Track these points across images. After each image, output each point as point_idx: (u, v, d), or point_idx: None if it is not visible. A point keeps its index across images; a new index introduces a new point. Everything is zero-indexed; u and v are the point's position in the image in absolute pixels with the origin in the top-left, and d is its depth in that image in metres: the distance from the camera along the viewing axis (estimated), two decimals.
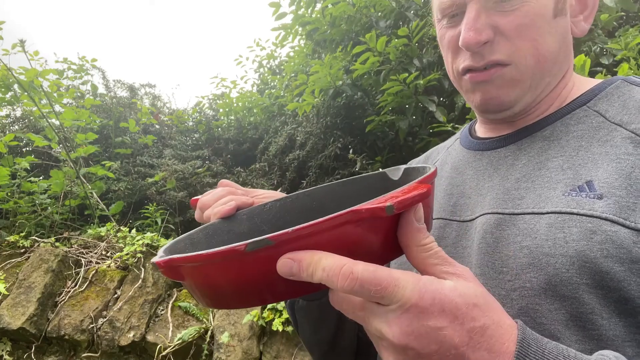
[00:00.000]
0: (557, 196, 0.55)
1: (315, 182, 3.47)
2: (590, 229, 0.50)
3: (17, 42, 3.35)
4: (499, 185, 0.63)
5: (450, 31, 0.65)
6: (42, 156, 4.12)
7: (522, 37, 0.60)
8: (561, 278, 0.50)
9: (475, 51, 0.61)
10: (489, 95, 0.64)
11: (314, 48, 3.51)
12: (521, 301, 0.53)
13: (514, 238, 0.56)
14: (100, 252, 2.93)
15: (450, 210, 0.68)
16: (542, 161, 0.60)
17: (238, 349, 2.25)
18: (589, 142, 0.58)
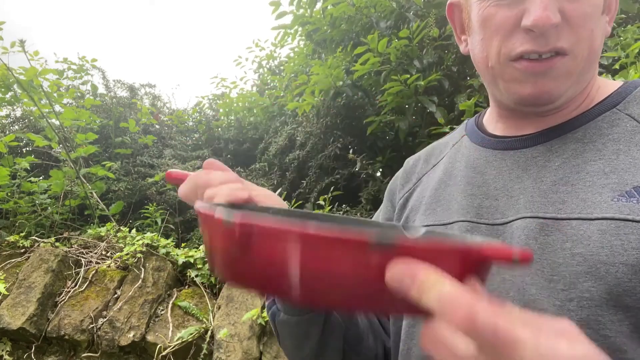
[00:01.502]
0: (605, 201, 0.53)
1: (316, 182, 3.47)
2: None
3: (16, 42, 3.35)
4: (533, 187, 0.59)
5: (503, 10, 0.58)
6: (42, 156, 4.12)
7: (584, 26, 0.57)
8: (624, 288, 0.48)
9: (542, 33, 0.56)
10: (544, 88, 0.58)
11: (314, 48, 3.51)
12: (580, 312, 0.50)
13: (562, 244, 0.53)
14: (100, 252, 2.93)
15: (475, 212, 0.63)
16: (580, 164, 0.58)
17: (238, 348, 2.25)
18: (627, 145, 0.56)
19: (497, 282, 0.57)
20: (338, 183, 3.30)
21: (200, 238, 3.54)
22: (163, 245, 2.83)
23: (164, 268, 2.71)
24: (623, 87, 0.63)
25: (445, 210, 0.68)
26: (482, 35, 0.62)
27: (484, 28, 0.61)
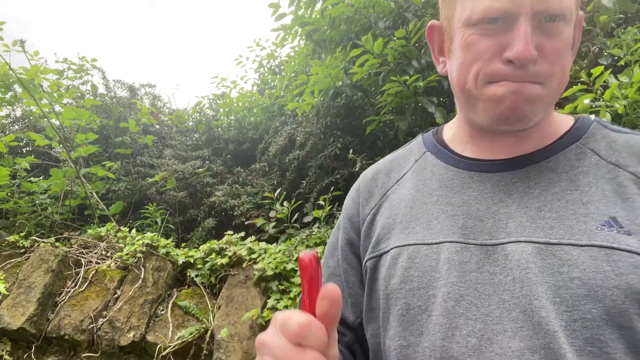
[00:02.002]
0: (590, 230, 0.58)
1: (315, 182, 3.48)
2: (633, 264, 0.55)
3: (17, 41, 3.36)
4: (520, 213, 0.63)
5: (485, 39, 0.62)
6: (42, 156, 4.13)
7: (558, 62, 0.61)
8: (619, 309, 0.54)
9: (522, 66, 0.60)
10: (517, 106, 0.62)
11: (314, 48, 3.51)
12: (585, 332, 0.54)
13: (559, 268, 0.57)
14: (100, 252, 2.94)
15: (461, 233, 0.65)
16: (558, 192, 0.63)
17: (238, 348, 2.26)
18: (595, 178, 0.62)
19: (495, 303, 0.59)
20: (338, 183, 3.30)
21: (200, 238, 3.54)
22: (163, 245, 2.84)
23: (164, 268, 2.71)
24: (579, 122, 0.70)
25: (427, 229, 0.68)
26: (462, 60, 0.65)
27: (465, 53, 0.64)
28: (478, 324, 0.58)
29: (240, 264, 2.62)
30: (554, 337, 0.54)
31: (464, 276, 0.61)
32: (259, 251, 2.64)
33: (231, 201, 3.71)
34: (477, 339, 0.57)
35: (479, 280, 0.61)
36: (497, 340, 0.57)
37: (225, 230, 3.00)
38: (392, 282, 0.67)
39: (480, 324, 0.58)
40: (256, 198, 3.80)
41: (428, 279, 0.64)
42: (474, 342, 0.57)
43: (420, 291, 0.64)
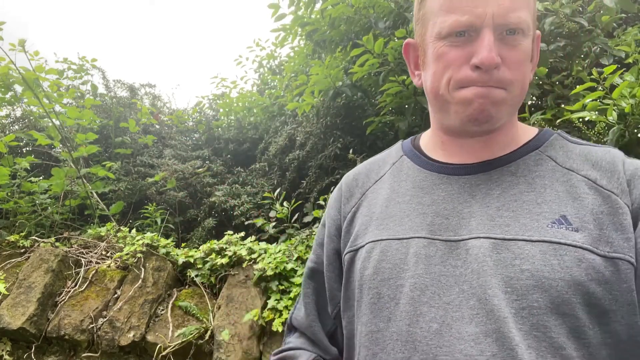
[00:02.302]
0: (541, 227, 0.66)
1: (315, 182, 3.48)
2: (577, 257, 0.62)
3: (17, 42, 3.36)
4: (481, 212, 0.71)
5: (455, 50, 0.70)
6: (42, 156, 4.13)
7: (518, 70, 0.70)
8: (562, 299, 0.61)
9: (487, 70, 0.67)
10: (484, 108, 0.69)
11: (314, 48, 3.51)
12: (532, 319, 0.61)
13: (512, 261, 0.64)
14: (100, 252, 2.94)
15: (428, 230, 0.72)
16: (516, 194, 0.71)
17: (238, 348, 2.26)
18: (550, 181, 0.71)
19: (455, 292, 0.66)
20: (338, 183, 3.30)
21: (200, 238, 3.54)
22: (163, 245, 2.84)
23: (164, 268, 2.71)
24: (540, 133, 0.79)
25: (399, 226, 0.76)
26: (434, 69, 0.73)
27: (437, 63, 0.72)
28: (440, 312, 0.65)
29: (240, 264, 2.62)
30: (504, 322, 0.61)
31: (429, 268, 0.69)
32: (259, 251, 2.64)
33: (231, 201, 3.71)
34: (438, 325, 0.65)
35: (442, 272, 0.68)
36: (455, 326, 0.64)
37: (225, 230, 3.00)
38: (365, 273, 0.74)
39: (442, 311, 0.65)
40: (256, 198, 3.80)
41: (397, 270, 0.71)
42: (435, 327, 0.65)
43: (390, 281, 0.71)
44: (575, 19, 2.08)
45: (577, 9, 2.13)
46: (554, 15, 2.11)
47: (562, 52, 2.20)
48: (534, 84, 2.14)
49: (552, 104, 2.09)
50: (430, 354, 0.63)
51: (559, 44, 2.14)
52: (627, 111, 1.62)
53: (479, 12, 0.67)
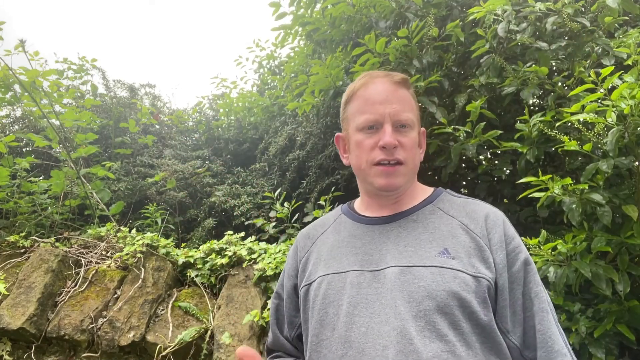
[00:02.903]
0: (432, 257, 0.96)
1: (316, 182, 3.47)
2: (453, 275, 0.92)
3: (17, 42, 3.35)
4: (393, 249, 1.00)
5: (368, 139, 1.04)
6: (42, 156, 4.12)
7: (409, 151, 1.04)
8: (445, 303, 0.90)
9: (389, 150, 1.01)
10: (392, 181, 1.03)
11: (314, 48, 3.51)
12: (426, 317, 0.89)
13: (413, 280, 0.93)
14: (100, 252, 2.93)
15: (360, 265, 1.01)
16: (416, 235, 1.02)
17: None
18: (439, 224, 1.03)
19: (377, 305, 0.93)
20: (338, 183, 3.30)
21: (200, 238, 3.54)
22: (163, 245, 2.83)
23: (164, 268, 2.71)
24: (434, 192, 1.13)
25: (339, 264, 1.05)
26: (357, 152, 1.07)
27: (358, 148, 1.06)
28: (367, 319, 0.93)
29: (240, 264, 2.62)
30: (406, 321, 0.89)
31: (360, 291, 0.97)
32: (259, 251, 2.64)
33: (231, 201, 3.71)
34: (365, 328, 0.92)
35: (369, 292, 0.96)
36: (376, 328, 0.91)
37: (225, 230, 2.99)
38: (317, 299, 1.03)
39: (368, 319, 0.93)
40: (256, 198, 3.80)
41: (339, 295, 0.99)
42: (363, 330, 0.92)
43: (334, 303, 0.99)
44: (578, 19, 2.08)
45: (580, 9, 2.13)
46: (556, 15, 2.10)
47: (563, 53, 2.20)
48: (535, 84, 2.14)
49: (553, 104, 2.09)
50: (360, 348, 0.91)
51: (561, 44, 2.13)
52: (626, 112, 1.62)
53: (381, 112, 1.02)
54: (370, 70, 2.69)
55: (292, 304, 1.16)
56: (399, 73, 1.12)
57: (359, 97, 1.08)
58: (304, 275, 1.12)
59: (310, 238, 1.20)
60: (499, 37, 2.21)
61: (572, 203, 1.75)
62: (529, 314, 0.97)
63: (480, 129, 2.27)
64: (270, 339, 1.22)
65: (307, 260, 1.15)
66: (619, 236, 1.73)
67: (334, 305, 0.99)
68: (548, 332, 0.95)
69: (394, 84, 1.07)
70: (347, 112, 1.12)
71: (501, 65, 2.26)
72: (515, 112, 2.53)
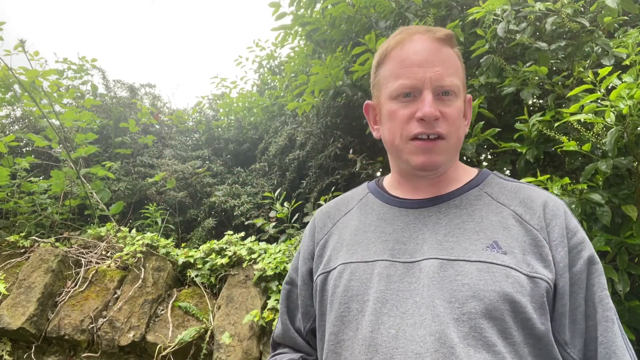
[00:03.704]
0: (479, 250, 0.82)
1: (316, 182, 3.47)
2: (505, 274, 0.78)
3: (17, 42, 3.35)
4: (432, 238, 0.86)
5: (403, 109, 0.87)
6: (42, 156, 4.12)
7: (453, 123, 0.87)
8: (494, 306, 0.76)
9: (428, 122, 0.85)
10: (431, 159, 0.87)
11: (314, 48, 3.51)
12: (470, 322, 0.75)
13: (455, 277, 0.79)
14: (100, 252, 2.93)
15: (390, 254, 0.87)
16: (459, 223, 0.87)
17: (238, 349, 2.25)
18: (487, 213, 0.87)
19: (410, 304, 0.80)
20: (338, 183, 3.30)
21: (200, 238, 3.54)
22: (163, 245, 2.83)
23: (164, 268, 2.71)
24: (480, 173, 0.97)
25: (365, 251, 0.90)
26: (389, 124, 0.91)
27: (391, 119, 0.90)
28: (397, 320, 0.79)
29: (240, 264, 2.62)
30: (446, 325, 0.75)
31: (390, 285, 0.83)
32: (259, 251, 2.64)
33: (231, 201, 3.71)
34: (395, 330, 0.78)
35: (400, 288, 0.82)
36: (409, 331, 0.77)
37: (225, 230, 2.99)
38: (337, 290, 0.88)
39: (399, 320, 0.79)
40: (256, 198, 3.80)
41: (364, 288, 0.85)
42: (393, 332, 0.78)
43: (358, 297, 0.85)
44: (577, 19, 2.08)
45: (579, 9, 2.13)
46: (555, 15, 2.10)
47: (563, 52, 2.20)
48: (535, 84, 2.14)
49: (552, 104, 2.09)
50: (389, 355, 0.77)
51: (560, 44, 2.13)
52: (625, 112, 1.62)
53: (420, 77, 0.85)
54: (370, 69, 2.70)
55: (308, 291, 1.01)
56: (442, 28, 0.92)
57: (393, 58, 0.90)
58: (321, 261, 0.97)
59: (331, 218, 1.04)
60: (498, 37, 2.21)
61: (571, 203, 1.75)
62: (591, 323, 0.81)
63: (479, 128, 2.27)
64: (278, 330, 1.07)
65: (325, 243, 1.00)
66: (619, 236, 1.73)
67: (357, 299, 0.85)
68: (612, 347, 0.79)
69: (436, 41, 0.88)
70: (378, 76, 0.95)
71: (501, 65, 2.26)
72: (515, 112, 2.53)
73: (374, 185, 1.04)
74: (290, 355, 1.02)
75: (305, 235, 1.07)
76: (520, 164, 2.15)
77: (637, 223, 1.69)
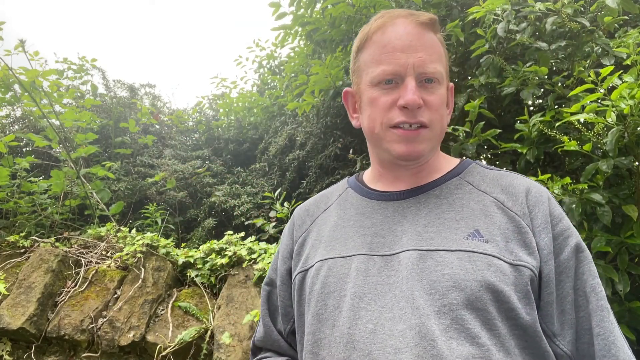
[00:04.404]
0: (459, 239, 0.78)
1: (316, 182, 3.47)
2: (487, 262, 0.75)
3: (17, 42, 3.35)
4: (411, 229, 0.83)
5: (385, 96, 0.84)
6: (42, 156, 4.12)
7: (436, 111, 0.84)
8: (476, 296, 0.72)
9: (411, 111, 0.81)
10: (413, 148, 0.83)
11: (314, 48, 3.51)
12: (452, 313, 0.72)
13: (435, 267, 0.76)
14: (100, 252, 2.93)
15: (368, 248, 0.84)
16: (439, 213, 0.83)
17: (238, 349, 2.25)
18: (467, 201, 0.84)
19: (389, 297, 0.76)
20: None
21: (200, 238, 3.54)
22: (163, 245, 2.83)
23: (164, 268, 2.71)
24: (461, 163, 0.94)
25: (343, 246, 0.87)
26: (369, 112, 0.87)
27: (371, 107, 0.86)
28: (375, 314, 0.75)
29: (240, 264, 2.62)
30: (427, 318, 0.71)
31: (368, 279, 0.80)
32: (259, 251, 2.64)
33: (231, 201, 3.71)
34: (373, 325, 0.75)
35: (379, 282, 0.79)
36: (387, 325, 0.74)
37: (225, 230, 2.99)
38: (314, 288, 0.85)
39: (377, 314, 0.75)
40: (256, 198, 3.80)
41: (341, 283, 0.81)
42: (370, 327, 0.75)
43: (335, 293, 0.81)
44: (577, 19, 2.08)
45: (579, 9, 2.13)
46: (555, 15, 2.10)
47: (563, 53, 2.20)
48: (535, 84, 2.14)
49: (552, 104, 2.09)
50: (366, 351, 0.73)
51: (560, 44, 2.13)
52: (626, 112, 1.62)
53: (402, 63, 0.81)
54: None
55: (287, 292, 0.98)
56: (425, 12, 0.87)
57: (374, 42, 0.86)
58: (299, 260, 0.94)
59: (310, 215, 1.01)
60: (498, 37, 2.21)
61: (571, 203, 1.75)
62: (583, 313, 0.77)
63: (479, 128, 2.27)
64: (260, 334, 1.05)
65: (304, 241, 0.96)
66: (619, 236, 1.73)
67: (334, 296, 0.81)
68: (611, 337, 0.75)
69: (419, 25, 0.84)
70: (358, 61, 0.91)
71: (501, 65, 2.26)
72: (515, 112, 2.53)
73: (354, 180, 1.01)
74: (276, 359, 0.99)
75: (284, 234, 1.04)
76: (520, 164, 2.15)
77: (638, 223, 1.69)
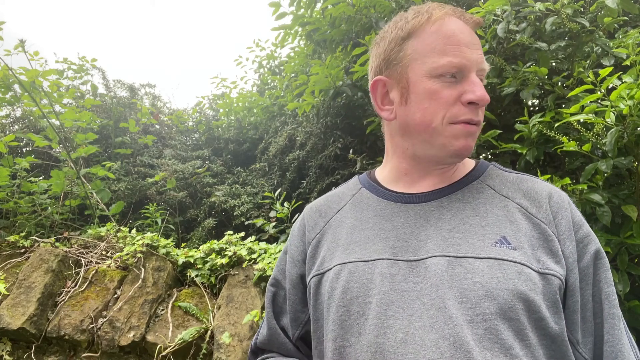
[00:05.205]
0: (487, 246, 0.76)
1: (316, 182, 3.47)
2: (517, 271, 0.73)
3: (17, 42, 3.35)
4: (435, 234, 0.80)
5: (448, 89, 0.80)
6: (42, 156, 4.12)
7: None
8: (508, 305, 0.70)
9: (475, 107, 0.80)
10: (469, 144, 0.82)
11: (314, 48, 3.51)
12: (485, 323, 0.70)
13: (465, 275, 0.73)
14: (100, 252, 2.93)
15: (391, 252, 0.81)
16: (464, 218, 0.81)
17: (238, 349, 2.25)
18: (491, 206, 0.82)
19: (417, 305, 0.73)
20: (338, 183, 3.29)
21: (200, 238, 3.54)
22: (163, 245, 2.83)
23: (164, 268, 2.71)
24: (478, 164, 0.92)
25: (364, 250, 0.83)
26: (427, 105, 0.81)
27: (430, 99, 0.81)
28: (404, 323, 0.72)
29: (240, 264, 2.62)
30: (460, 328, 0.69)
31: (394, 285, 0.76)
32: (259, 251, 2.64)
33: (231, 201, 3.71)
34: (403, 334, 0.72)
35: (405, 288, 0.75)
36: (418, 334, 0.71)
37: (225, 230, 2.99)
38: (334, 293, 0.81)
39: (406, 322, 0.72)
40: (256, 198, 3.80)
41: (365, 289, 0.78)
42: (400, 336, 0.72)
43: (359, 299, 0.78)
44: (577, 19, 2.08)
45: (579, 10, 2.13)
46: (555, 15, 2.10)
47: (563, 53, 2.20)
48: (535, 84, 2.14)
49: (552, 104, 2.09)
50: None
51: (560, 45, 2.13)
52: (625, 113, 1.62)
53: (469, 57, 0.79)
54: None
55: (299, 295, 0.93)
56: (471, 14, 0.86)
57: (433, 32, 0.81)
58: (314, 262, 0.90)
59: (323, 216, 0.96)
60: (498, 38, 2.21)
61: None
62: (598, 320, 0.77)
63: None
64: (264, 336, 0.98)
65: (318, 243, 0.92)
66: (619, 236, 1.73)
67: (358, 302, 0.77)
68: (618, 345, 0.75)
69: (473, 24, 0.83)
70: (405, 49, 0.84)
71: (501, 65, 2.26)
72: (515, 113, 2.53)
73: (367, 179, 0.98)
74: (282, 359, 0.95)
75: (294, 235, 0.99)
76: (520, 165, 2.15)
77: (637, 223, 1.69)
